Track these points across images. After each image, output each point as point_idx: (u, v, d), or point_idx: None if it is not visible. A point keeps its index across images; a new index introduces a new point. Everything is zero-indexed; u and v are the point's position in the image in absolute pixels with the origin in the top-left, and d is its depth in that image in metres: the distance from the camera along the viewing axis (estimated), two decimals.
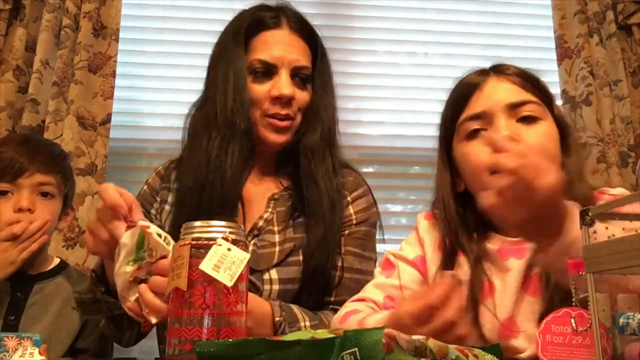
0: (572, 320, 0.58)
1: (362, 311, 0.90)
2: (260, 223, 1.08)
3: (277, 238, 1.06)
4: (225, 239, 0.66)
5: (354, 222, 1.12)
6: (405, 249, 1.01)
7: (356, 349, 0.44)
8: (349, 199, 1.14)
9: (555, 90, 2.04)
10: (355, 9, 2.14)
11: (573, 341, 0.57)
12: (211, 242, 0.65)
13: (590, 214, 0.56)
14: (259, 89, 1.08)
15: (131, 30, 1.99)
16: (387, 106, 2.09)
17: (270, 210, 1.10)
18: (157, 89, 1.97)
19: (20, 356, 0.64)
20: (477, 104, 0.91)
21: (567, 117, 0.96)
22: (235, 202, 1.06)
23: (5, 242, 1.15)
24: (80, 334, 1.23)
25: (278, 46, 1.09)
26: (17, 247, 1.15)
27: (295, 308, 0.97)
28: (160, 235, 0.78)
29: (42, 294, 1.23)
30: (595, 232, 0.56)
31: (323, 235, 1.05)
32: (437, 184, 0.99)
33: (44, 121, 1.79)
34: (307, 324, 0.95)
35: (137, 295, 0.78)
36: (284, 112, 1.07)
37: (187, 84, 1.84)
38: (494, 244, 0.92)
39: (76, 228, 1.73)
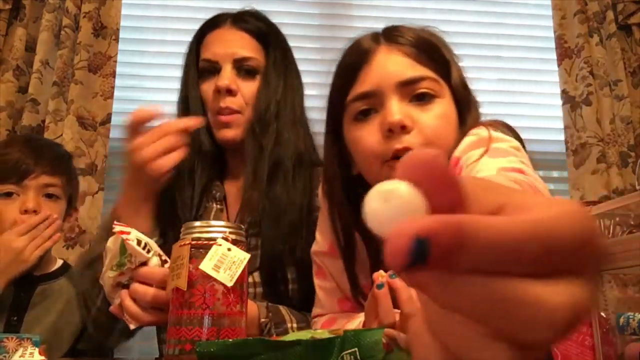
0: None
1: (338, 319, 0.88)
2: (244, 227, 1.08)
3: (259, 240, 1.05)
4: (225, 239, 0.66)
5: None
6: (318, 241, 0.95)
7: (356, 349, 0.44)
8: None
9: (555, 90, 2.04)
10: (355, 9, 2.14)
11: (585, 342, 0.57)
12: (211, 242, 0.65)
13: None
14: (206, 88, 1.10)
15: (131, 30, 1.99)
16: None
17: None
18: (157, 89, 1.97)
19: (20, 356, 0.64)
20: (365, 81, 0.79)
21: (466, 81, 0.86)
22: (194, 208, 1.07)
23: (19, 239, 1.14)
24: (82, 335, 1.23)
25: (218, 43, 1.11)
26: (30, 244, 1.15)
27: (282, 309, 0.97)
28: (140, 242, 0.77)
29: (45, 294, 1.23)
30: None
31: (272, 233, 1.02)
32: (325, 166, 0.91)
33: (44, 121, 1.79)
34: (295, 325, 0.95)
35: (119, 299, 0.79)
36: (224, 105, 1.06)
37: None
38: None
39: (76, 228, 1.73)
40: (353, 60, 0.83)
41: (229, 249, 0.65)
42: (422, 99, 0.78)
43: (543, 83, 2.11)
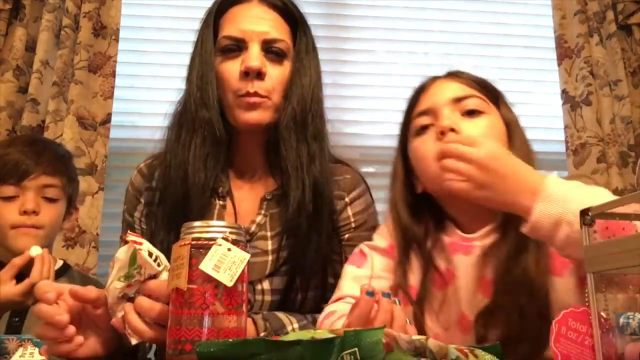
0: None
1: (337, 312, 0.90)
2: (253, 228, 1.01)
3: (269, 245, 1.00)
4: (226, 239, 0.66)
5: (353, 225, 1.06)
6: (377, 240, 1.02)
7: (356, 349, 0.44)
8: (347, 199, 1.07)
9: (555, 90, 2.04)
10: (354, 9, 2.14)
11: (585, 341, 0.57)
12: (211, 242, 0.65)
13: (590, 213, 0.56)
14: (229, 67, 0.99)
15: (131, 30, 1.99)
16: (387, 106, 2.09)
17: (263, 212, 1.03)
18: (157, 89, 1.97)
19: (20, 356, 0.64)
20: (424, 101, 0.96)
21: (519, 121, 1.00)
22: (204, 200, 0.99)
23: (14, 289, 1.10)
24: None
25: (246, 19, 1.01)
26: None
27: (280, 313, 0.94)
28: (151, 255, 0.75)
29: None
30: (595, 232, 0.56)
31: (306, 233, 0.97)
32: (391, 186, 1.02)
33: (44, 121, 1.79)
34: (295, 326, 0.92)
35: (123, 312, 0.76)
36: (252, 89, 0.97)
37: None
38: (449, 236, 0.94)
39: (76, 228, 1.73)
40: (416, 92, 1.00)
41: (229, 249, 0.65)
42: (472, 114, 0.92)
43: (543, 83, 2.11)
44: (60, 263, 1.31)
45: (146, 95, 2.01)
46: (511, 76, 2.10)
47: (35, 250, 1.14)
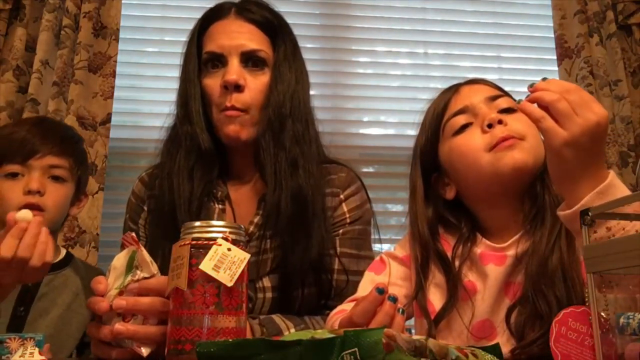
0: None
1: (346, 310, 0.90)
2: (251, 228, 1.04)
3: (269, 244, 1.02)
4: (225, 239, 0.66)
5: (348, 220, 1.09)
6: (396, 249, 1.04)
7: (356, 349, 0.44)
8: (341, 196, 1.09)
9: None
10: (354, 9, 2.14)
11: (585, 341, 0.57)
12: (211, 242, 0.65)
13: (590, 213, 0.56)
14: (212, 83, 1.04)
15: (131, 30, 1.99)
16: (387, 106, 2.09)
17: (261, 212, 1.05)
18: (157, 89, 1.97)
19: (20, 356, 0.64)
20: (457, 104, 0.96)
21: None
22: (189, 207, 1.02)
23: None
24: None
25: (224, 35, 1.06)
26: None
27: (277, 318, 0.95)
28: (152, 263, 0.75)
29: (51, 285, 1.19)
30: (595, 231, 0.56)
31: (290, 236, 1.00)
32: (410, 202, 1.01)
33: None
34: (292, 330, 0.93)
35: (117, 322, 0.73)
36: (229, 103, 1.01)
37: None
38: (478, 247, 0.94)
39: (76, 228, 1.73)
40: (441, 103, 0.98)
41: (228, 249, 0.65)
42: (507, 111, 0.92)
43: None
44: (64, 252, 1.27)
45: (146, 95, 2.01)
46: (511, 76, 2.10)
47: (24, 215, 0.90)
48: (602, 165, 0.70)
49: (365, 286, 0.98)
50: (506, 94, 0.98)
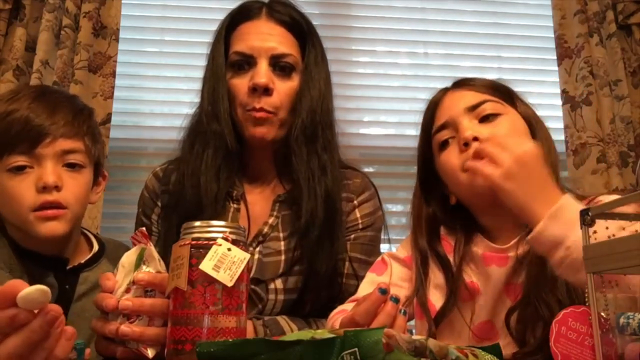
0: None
1: (347, 310, 0.91)
2: (265, 229, 1.05)
3: (282, 246, 1.03)
4: (225, 238, 0.66)
5: (360, 226, 1.09)
6: (398, 250, 1.04)
7: (356, 349, 0.44)
8: (355, 202, 1.10)
9: (555, 90, 2.04)
10: (355, 9, 2.14)
11: (585, 341, 0.57)
12: (211, 242, 0.65)
13: (590, 213, 0.56)
14: (239, 83, 1.04)
15: (131, 30, 1.99)
16: (387, 106, 2.10)
17: (275, 214, 1.06)
18: (157, 89, 1.97)
19: None
20: (440, 117, 0.96)
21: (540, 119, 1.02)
22: (218, 208, 1.02)
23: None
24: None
25: (254, 36, 1.04)
26: None
27: (281, 320, 0.95)
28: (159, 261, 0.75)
29: (88, 282, 1.02)
30: (595, 232, 0.56)
31: (318, 241, 1.00)
32: (412, 203, 1.03)
33: None
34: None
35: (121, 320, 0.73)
36: (258, 105, 1.01)
37: (187, 84, 1.84)
38: (479, 248, 0.94)
39: None
40: (429, 109, 1.00)
41: (229, 249, 0.65)
42: (490, 118, 0.92)
43: (543, 83, 2.11)
44: (96, 243, 1.08)
45: (146, 96, 2.01)
46: (511, 76, 2.09)
47: (32, 296, 0.56)
48: (551, 190, 0.74)
49: (366, 287, 0.98)
50: (497, 89, 0.97)
